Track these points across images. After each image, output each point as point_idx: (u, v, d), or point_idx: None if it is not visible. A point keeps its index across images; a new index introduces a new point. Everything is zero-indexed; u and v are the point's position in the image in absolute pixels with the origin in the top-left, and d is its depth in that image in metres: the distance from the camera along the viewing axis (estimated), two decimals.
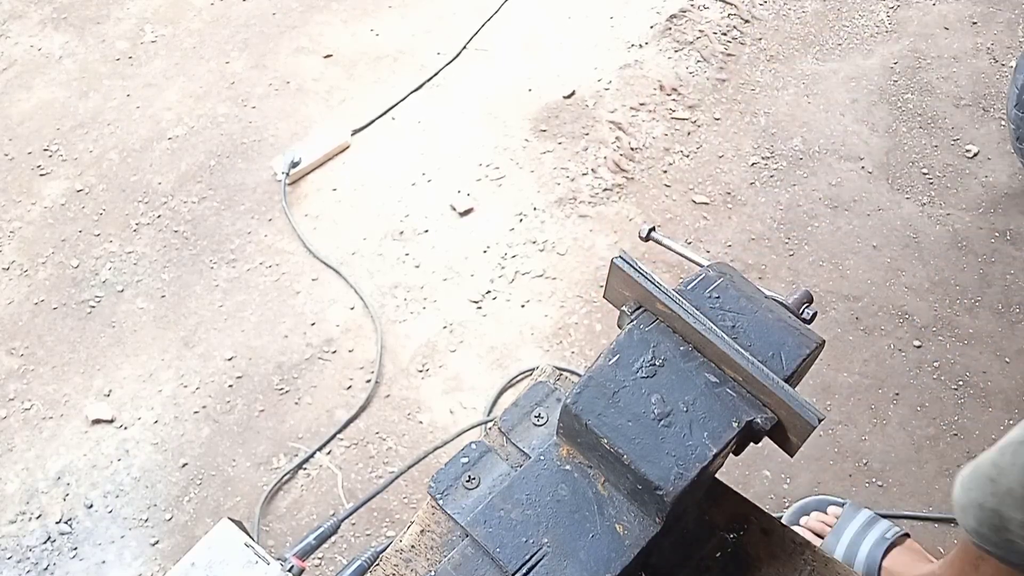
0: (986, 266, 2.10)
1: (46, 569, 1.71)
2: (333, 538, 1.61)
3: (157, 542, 1.74)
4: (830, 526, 1.64)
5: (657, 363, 0.57)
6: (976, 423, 1.85)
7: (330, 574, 1.69)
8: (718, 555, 0.64)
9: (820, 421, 0.57)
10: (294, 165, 2.25)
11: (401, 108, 2.44)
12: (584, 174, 2.28)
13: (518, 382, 1.93)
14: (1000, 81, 2.46)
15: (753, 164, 2.30)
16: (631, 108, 2.42)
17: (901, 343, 1.97)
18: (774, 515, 0.75)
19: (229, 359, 1.97)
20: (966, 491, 0.88)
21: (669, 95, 2.45)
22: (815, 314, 0.65)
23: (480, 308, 2.04)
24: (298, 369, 1.96)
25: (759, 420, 0.55)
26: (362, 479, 1.81)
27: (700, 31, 2.59)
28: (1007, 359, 1.95)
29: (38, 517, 1.77)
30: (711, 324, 0.57)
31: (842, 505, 1.68)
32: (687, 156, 2.32)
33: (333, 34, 2.62)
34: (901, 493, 1.77)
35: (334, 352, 1.98)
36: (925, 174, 2.28)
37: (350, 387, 1.93)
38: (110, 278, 2.11)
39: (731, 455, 0.58)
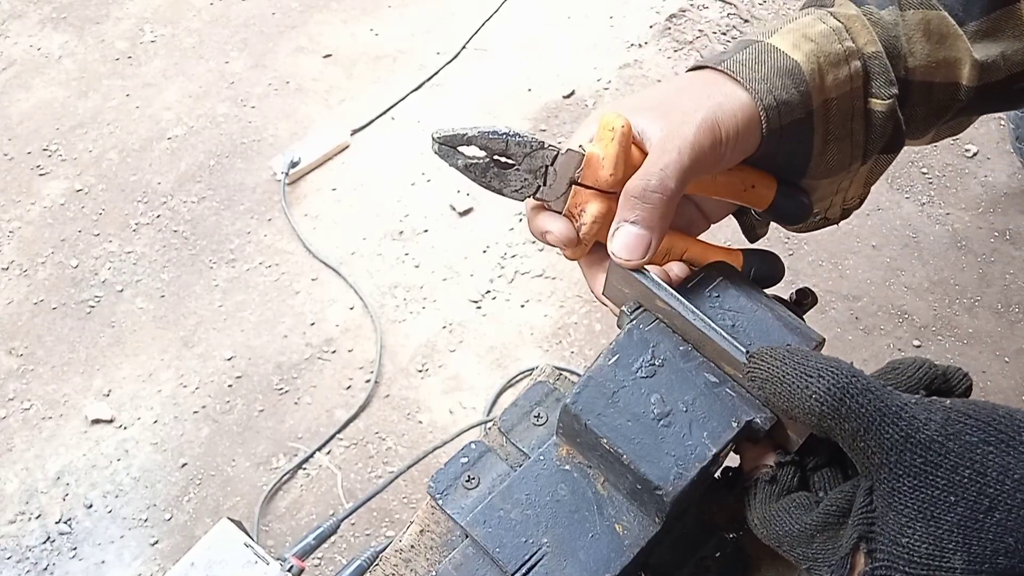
0: (985, 266, 2.10)
1: (45, 569, 1.71)
2: (332, 538, 1.61)
3: (157, 542, 1.74)
4: None
5: (657, 363, 0.57)
6: None
7: (330, 574, 1.69)
8: (718, 555, 0.64)
9: None
10: (293, 165, 2.25)
11: (401, 108, 2.43)
12: None
13: (518, 382, 1.93)
14: None
15: None
16: None
17: (901, 343, 1.97)
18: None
19: (229, 359, 1.97)
20: None
21: None
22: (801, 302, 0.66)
23: (480, 308, 2.04)
24: (298, 369, 1.96)
25: (759, 420, 0.55)
26: (361, 479, 1.81)
27: (700, 31, 2.59)
28: (1006, 359, 1.95)
29: (38, 517, 1.77)
30: (710, 322, 0.57)
31: None
32: None
33: (332, 34, 2.62)
34: None
35: (334, 352, 1.98)
36: (924, 174, 2.28)
37: (350, 387, 1.93)
38: (110, 278, 2.11)
39: (732, 454, 0.58)
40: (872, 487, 0.46)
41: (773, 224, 0.72)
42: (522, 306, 2.04)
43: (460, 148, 0.60)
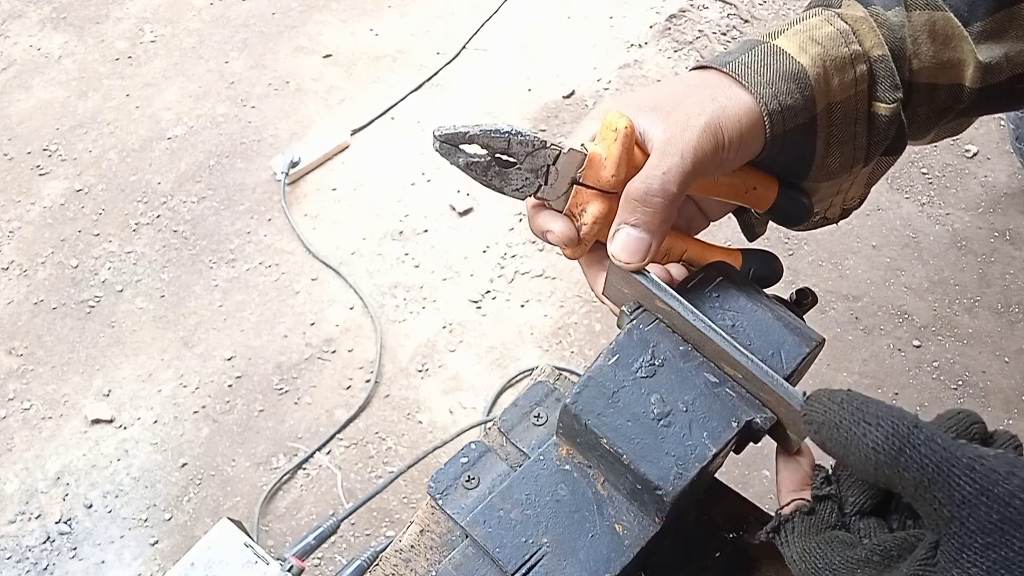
0: (985, 266, 2.10)
1: (45, 569, 1.71)
2: (332, 538, 1.61)
3: (157, 542, 1.74)
4: None
5: (656, 363, 0.57)
6: None
7: (330, 574, 1.69)
8: (718, 555, 0.64)
9: None
10: (293, 165, 2.25)
11: (400, 108, 2.43)
12: None
13: (518, 382, 1.93)
14: None
15: None
16: None
17: (900, 343, 1.97)
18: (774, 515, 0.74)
19: (228, 359, 1.97)
20: None
21: None
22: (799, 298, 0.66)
23: (480, 308, 2.04)
24: (297, 369, 1.96)
25: (759, 420, 0.55)
26: (361, 479, 1.81)
27: (700, 31, 2.59)
28: (1006, 359, 1.95)
29: (37, 517, 1.77)
30: (710, 322, 0.56)
31: None
32: None
33: (332, 34, 2.62)
34: None
35: (333, 352, 1.98)
36: (924, 174, 2.28)
37: (350, 387, 1.93)
38: (109, 278, 2.11)
39: (732, 454, 0.58)
40: (938, 541, 0.43)
41: (773, 223, 0.72)
42: (522, 306, 2.04)
43: (462, 146, 0.60)
